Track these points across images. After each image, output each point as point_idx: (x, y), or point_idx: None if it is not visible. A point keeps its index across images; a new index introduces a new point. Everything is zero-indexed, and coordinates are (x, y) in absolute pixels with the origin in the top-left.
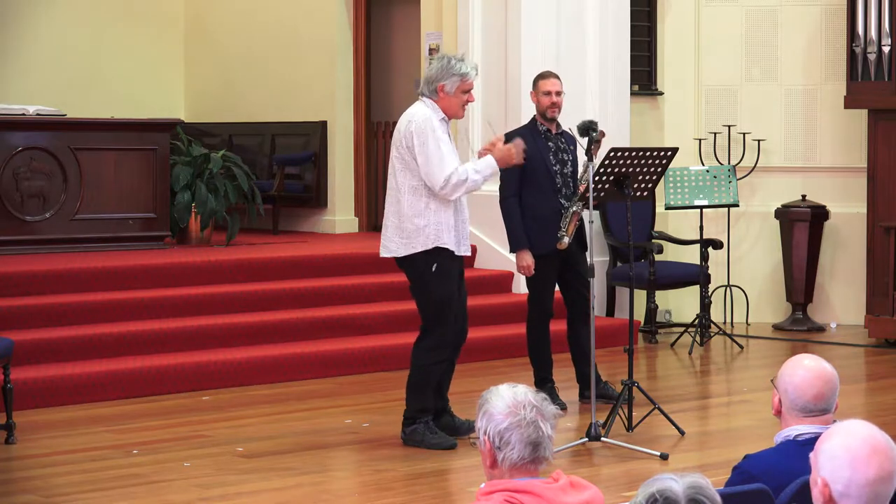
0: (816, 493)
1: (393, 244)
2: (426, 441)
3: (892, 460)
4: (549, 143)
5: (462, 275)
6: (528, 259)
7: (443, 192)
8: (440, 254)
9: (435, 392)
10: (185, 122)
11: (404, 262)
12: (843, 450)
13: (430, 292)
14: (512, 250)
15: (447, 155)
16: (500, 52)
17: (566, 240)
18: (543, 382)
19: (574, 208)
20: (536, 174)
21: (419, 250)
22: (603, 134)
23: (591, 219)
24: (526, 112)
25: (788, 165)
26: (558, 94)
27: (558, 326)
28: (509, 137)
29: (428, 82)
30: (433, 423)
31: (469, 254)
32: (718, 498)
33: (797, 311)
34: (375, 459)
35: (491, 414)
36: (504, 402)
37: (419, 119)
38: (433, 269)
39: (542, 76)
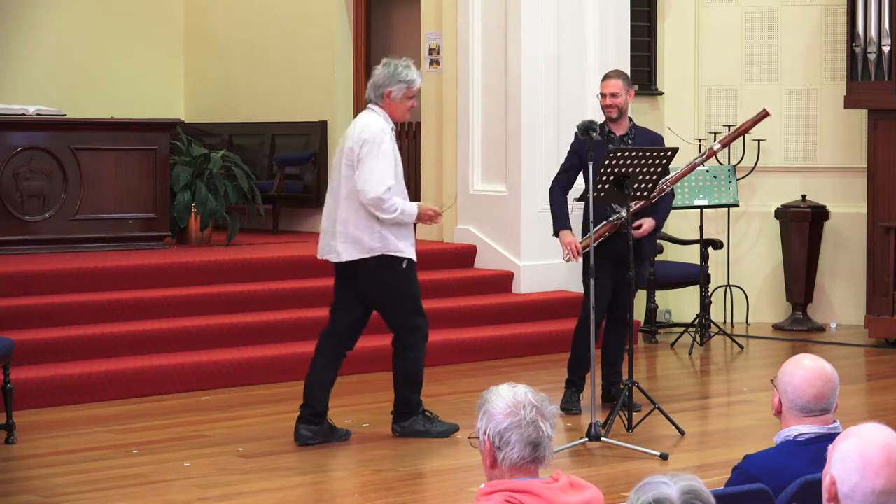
0: (825, 486)
1: (344, 249)
2: (431, 431)
3: None
4: (610, 146)
5: None
6: (569, 237)
7: (371, 206)
8: (405, 259)
9: (324, 392)
10: (185, 122)
11: (373, 268)
12: (857, 454)
13: (407, 289)
14: (554, 233)
15: (388, 173)
16: (500, 51)
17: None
18: (570, 384)
19: (612, 218)
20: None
21: (383, 253)
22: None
23: (629, 227)
24: (525, 112)
25: (788, 165)
26: (613, 95)
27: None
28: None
29: (374, 87)
30: (326, 425)
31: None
32: (713, 500)
33: (797, 311)
34: (375, 459)
35: (491, 414)
36: (504, 401)
37: (375, 129)
38: (404, 265)
39: (604, 76)
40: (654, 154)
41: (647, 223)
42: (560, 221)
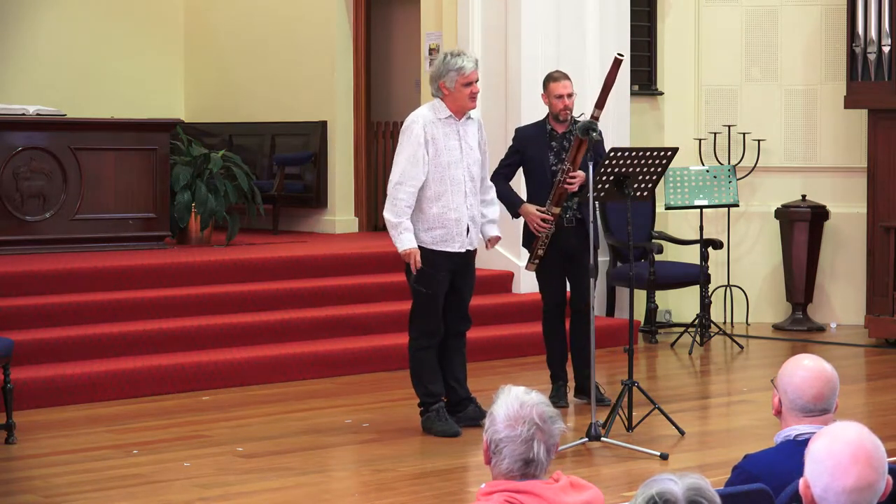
0: (800, 490)
1: None
2: (434, 428)
3: (875, 469)
4: (553, 143)
5: (466, 268)
6: (531, 208)
7: (388, 191)
8: (421, 249)
9: (455, 383)
10: (185, 122)
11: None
12: (826, 454)
13: (414, 282)
14: (515, 215)
15: (407, 168)
16: (500, 52)
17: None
18: (554, 380)
19: (559, 177)
20: (534, 174)
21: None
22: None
23: (594, 218)
24: (526, 112)
25: (788, 165)
26: (569, 96)
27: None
28: (519, 132)
29: (431, 81)
30: (461, 413)
31: (464, 249)
32: (718, 499)
33: (797, 311)
34: (375, 459)
35: (494, 418)
36: (507, 411)
37: (408, 120)
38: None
39: (553, 78)
40: (654, 154)
41: (581, 175)
42: (515, 203)
